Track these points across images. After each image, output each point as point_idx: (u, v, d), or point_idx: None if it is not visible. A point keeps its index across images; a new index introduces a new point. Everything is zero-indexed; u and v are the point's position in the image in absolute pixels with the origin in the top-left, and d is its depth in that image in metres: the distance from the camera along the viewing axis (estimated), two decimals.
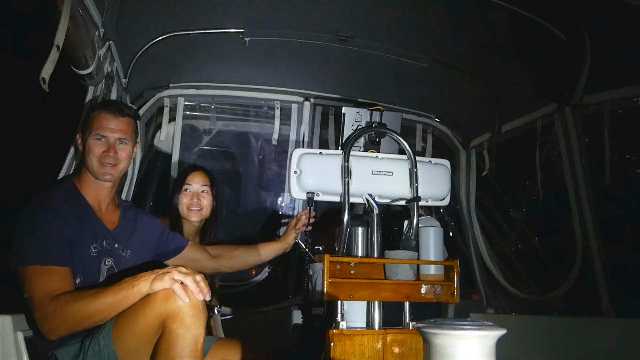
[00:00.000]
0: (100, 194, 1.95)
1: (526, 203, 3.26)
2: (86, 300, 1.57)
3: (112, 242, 1.92)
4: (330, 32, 2.69)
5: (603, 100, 2.57)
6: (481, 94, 3.08)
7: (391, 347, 1.91)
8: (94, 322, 1.60)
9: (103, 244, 1.88)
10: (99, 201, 1.95)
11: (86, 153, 1.90)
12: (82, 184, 1.93)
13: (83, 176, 1.94)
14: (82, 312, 1.56)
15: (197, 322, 1.53)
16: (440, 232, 2.07)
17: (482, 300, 3.43)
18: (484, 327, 1.10)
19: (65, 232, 1.74)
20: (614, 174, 2.60)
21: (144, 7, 2.35)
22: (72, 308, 1.57)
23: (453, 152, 3.62)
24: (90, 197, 1.92)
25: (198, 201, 2.56)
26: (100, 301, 1.55)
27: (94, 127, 1.90)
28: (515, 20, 2.36)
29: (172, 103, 3.25)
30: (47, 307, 1.59)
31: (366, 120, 2.15)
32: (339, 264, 1.95)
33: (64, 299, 1.59)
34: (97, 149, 1.89)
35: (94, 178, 1.92)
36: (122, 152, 1.93)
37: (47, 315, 1.59)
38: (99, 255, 1.85)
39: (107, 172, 1.90)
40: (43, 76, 1.58)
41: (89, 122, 1.92)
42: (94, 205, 1.93)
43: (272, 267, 3.51)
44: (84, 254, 1.80)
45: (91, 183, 1.93)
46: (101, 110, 1.93)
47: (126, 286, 1.56)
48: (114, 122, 1.91)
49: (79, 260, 1.77)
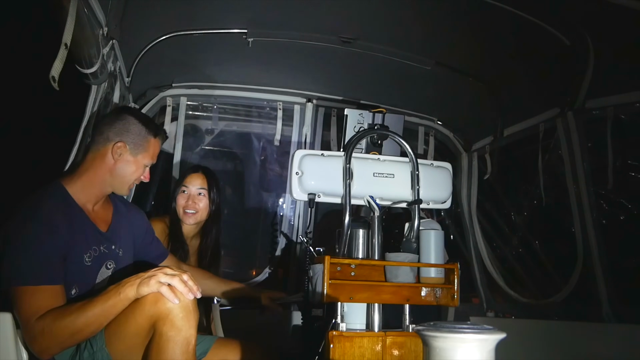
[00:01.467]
0: (96, 199, 1.88)
1: (527, 207, 3.26)
2: (74, 315, 1.53)
3: (108, 245, 1.87)
4: (334, 34, 2.69)
5: (606, 105, 2.56)
6: (484, 97, 3.08)
7: (391, 349, 1.91)
8: (85, 335, 1.57)
9: (100, 249, 1.83)
10: (92, 201, 1.87)
11: (121, 170, 1.87)
12: (75, 186, 1.82)
13: (80, 180, 1.83)
14: (71, 327, 1.53)
15: (187, 323, 1.52)
16: (441, 235, 2.08)
17: (482, 303, 3.42)
18: (484, 331, 1.10)
19: (58, 248, 1.66)
20: (616, 179, 2.60)
21: (148, 6, 2.35)
22: (60, 325, 1.53)
23: (455, 155, 3.62)
24: (83, 198, 1.83)
25: (193, 204, 2.56)
26: (89, 313, 1.53)
27: (151, 154, 1.94)
28: (518, 24, 2.35)
29: (175, 103, 3.25)
30: (34, 328, 1.54)
31: (368, 122, 2.15)
32: (340, 265, 1.96)
33: (51, 317, 1.54)
34: (141, 174, 1.93)
35: (96, 185, 1.85)
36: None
37: (36, 336, 1.54)
38: (94, 263, 1.80)
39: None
40: (53, 74, 1.58)
41: (145, 144, 1.90)
42: (86, 207, 1.84)
43: (273, 268, 3.51)
44: (77, 264, 1.74)
45: (87, 186, 1.83)
46: (159, 138, 1.96)
47: (112, 294, 1.54)
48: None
49: (73, 271, 1.72)
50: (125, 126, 1.88)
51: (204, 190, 2.59)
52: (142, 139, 1.90)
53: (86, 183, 1.83)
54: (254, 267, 3.72)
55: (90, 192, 1.85)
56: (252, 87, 3.31)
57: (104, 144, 1.86)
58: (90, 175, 1.84)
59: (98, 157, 1.85)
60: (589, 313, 2.63)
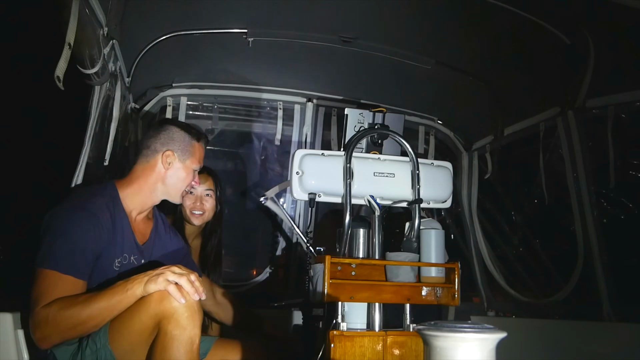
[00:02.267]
0: (143, 208, 1.93)
1: (528, 206, 3.26)
2: (79, 306, 1.54)
3: (139, 258, 1.89)
4: (334, 33, 2.69)
5: (606, 104, 2.56)
6: (484, 97, 3.08)
7: (391, 348, 1.91)
8: (87, 328, 1.57)
9: (130, 258, 1.85)
10: (138, 210, 1.92)
11: (173, 178, 1.94)
12: (126, 191, 1.88)
13: (132, 187, 1.90)
14: (75, 318, 1.53)
15: (192, 322, 1.52)
16: (442, 235, 2.07)
17: (483, 303, 3.42)
18: (485, 330, 1.10)
19: (95, 243, 1.70)
20: (616, 178, 2.60)
21: (148, 6, 2.35)
22: (64, 314, 1.53)
23: (455, 154, 3.62)
24: (131, 205, 1.88)
25: (201, 205, 2.55)
26: (94, 306, 1.53)
27: (198, 158, 2.01)
28: (518, 23, 2.35)
29: (175, 102, 3.25)
30: (39, 313, 1.55)
31: (368, 121, 2.15)
32: (340, 265, 1.96)
33: (56, 306, 1.55)
34: (192, 179, 2.00)
35: (147, 193, 1.91)
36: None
37: (40, 322, 1.55)
38: (122, 269, 1.81)
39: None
40: (57, 74, 1.59)
41: (191, 149, 1.97)
42: (131, 214, 1.89)
43: (274, 267, 3.52)
44: (106, 267, 1.76)
45: (138, 193, 1.90)
46: (202, 143, 2.04)
47: (119, 290, 1.54)
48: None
49: (100, 272, 1.73)
50: (170, 135, 1.96)
51: (211, 191, 2.59)
52: (188, 145, 1.98)
53: (137, 190, 1.90)
54: (254, 267, 3.72)
55: (140, 199, 1.91)
56: (252, 87, 3.31)
57: (153, 156, 1.93)
58: (141, 183, 1.91)
59: (148, 168, 1.93)
60: (589, 312, 2.63)
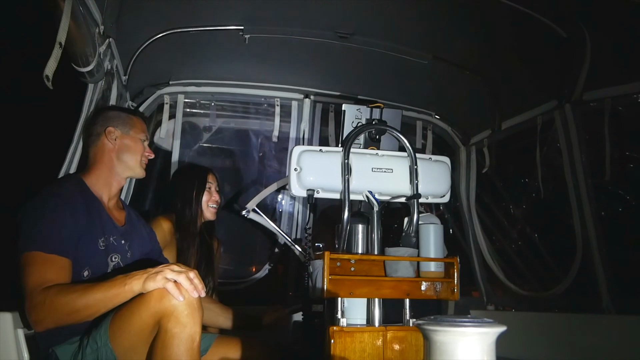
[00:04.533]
0: (111, 191, 1.97)
1: (526, 200, 3.26)
2: (76, 294, 1.55)
3: (119, 239, 1.91)
4: (330, 29, 2.68)
5: (603, 97, 2.56)
6: (481, 91, 3.08)
7: (391, 344, 1.92)
8: (82, 317, 1.57)
9: (110, 239, 1.87)
10: (107, 198, 1.96)
11: (124, 150, 1.97)
12: (90, 178, 1.93)
13: (94, 172, 1.94)
14: (70, 305, 1.54)
15: (192, 320, 1.52)
16: (440, 229, 2.08)
17: (482, 297, 3.43)
18: (484, 324, 1.10)
19: (74, 224, 1.73)
20: (614, 170, 2.59)
21: (144, 4, 2.34)
22: (61, 300, 1.55)
23: (453, 149, 3.62)
24: (99, 190, 1.93)
25: (215, 199, 2.71)
26: (90, 296, 1.54)
27: (141, 129, 2.04)
28: (515, 17, 2.35)
29: (172, 100, 3.25)
30: (37, 297, 1.57)
31: (366, 117, 2.15)
32: (339, 261, 1.96)
33: (54, 291, 1.57)
34: (142, 149, 2.03)
35: (108, 173, 1.95)
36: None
37: (37, 305, 1.57)
38: (107, 250, 1.84)
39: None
40: (47, 73, 1.58)
41: (129, 122, 2.01)
42: (102, 198, 1.93)
43: (273, 264, 3.52)
44: (92, 247, 1.79)
45: (101, 176, 1.94)
46: (138, 116, 2.09)
47: (118, 283, 1.54)
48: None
49: (87, 253, 1.76)
50: (105, 115, 2.02)
51: (218, 187, 2.78)
52: (125, 118, 2.02)
53: (98, 174, 1.95)
54: (253, 263, 3.71)
55: (105, 181, 1.95)
56: (249, 84, 3.31)
57: (98, 138, 1.98)
58: (99, 165, 1.95)
59: (99, 151, 1.97)
60: (588, 305, 2.63)
